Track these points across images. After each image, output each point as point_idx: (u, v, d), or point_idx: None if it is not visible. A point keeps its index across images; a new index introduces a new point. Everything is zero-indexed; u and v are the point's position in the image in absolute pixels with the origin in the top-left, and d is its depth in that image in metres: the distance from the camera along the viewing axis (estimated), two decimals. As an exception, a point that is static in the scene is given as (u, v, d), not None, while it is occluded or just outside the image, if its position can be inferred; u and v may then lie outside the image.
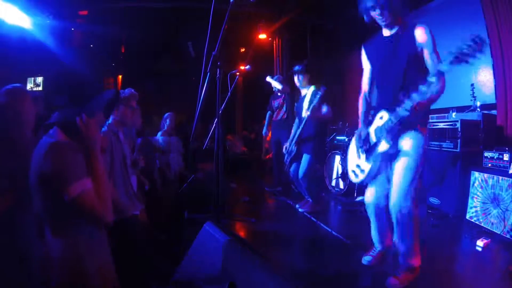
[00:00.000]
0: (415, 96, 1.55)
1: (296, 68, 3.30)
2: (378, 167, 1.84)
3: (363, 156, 1.92)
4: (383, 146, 1.76)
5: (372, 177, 1.90)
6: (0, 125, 1.46)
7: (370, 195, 1.99)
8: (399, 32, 1.74)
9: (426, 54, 1.65)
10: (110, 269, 1.21)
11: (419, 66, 1.67)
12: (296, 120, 3.52)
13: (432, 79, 1.51)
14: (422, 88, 1.53)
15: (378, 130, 1.79)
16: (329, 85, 3.29)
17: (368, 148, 1.88)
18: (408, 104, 1.58)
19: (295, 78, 3.35)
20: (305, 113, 3.05)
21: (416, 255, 1.75)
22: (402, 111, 1.61)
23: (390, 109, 1.70)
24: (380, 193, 1.93)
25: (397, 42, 1.74)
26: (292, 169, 3.37)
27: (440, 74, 1.52)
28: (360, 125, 1.97)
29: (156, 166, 3.63)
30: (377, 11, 1.69)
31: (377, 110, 1.85)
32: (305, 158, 3.17)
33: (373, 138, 1.86)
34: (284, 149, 3.51)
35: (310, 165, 3.15)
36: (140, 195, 2.41)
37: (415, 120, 1.69)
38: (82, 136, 1.14)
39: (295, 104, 3.54)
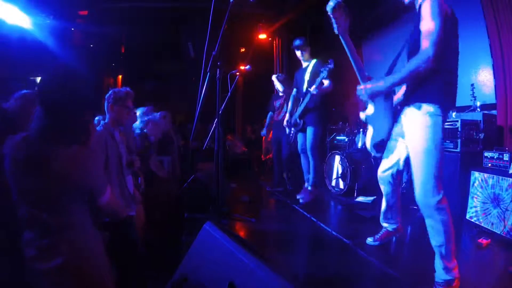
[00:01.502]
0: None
1: (297, 43, 3.30)
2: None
3: None
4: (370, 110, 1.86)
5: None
6: (12, 127, 1.45)
7: (381, 168, 2.08)
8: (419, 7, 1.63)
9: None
10: (108, 271, 1.21)
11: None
12: (294, 91, 3.51)
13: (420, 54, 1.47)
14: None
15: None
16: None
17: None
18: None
19: (297, 53, 3.35)
20: (311, 89, 3.04)
21: (453, 261, 1.61)
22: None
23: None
24: (388, 166, 2.02)
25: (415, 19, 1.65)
26: (299, 143, 3.37)
27: (425, 56, 1.44)
28: None
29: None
30: None
31: None
32: (310, 131, 3.20)
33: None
34: (285, 122, 3.53)
35: (316, 137, 3.17)
36: (137, 195, 2.40)
37: (414, 98, 1.61)
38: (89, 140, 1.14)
39: (295, 73, 3.54)
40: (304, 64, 3.35)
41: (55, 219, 1.07)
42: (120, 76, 8.48)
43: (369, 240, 2.31)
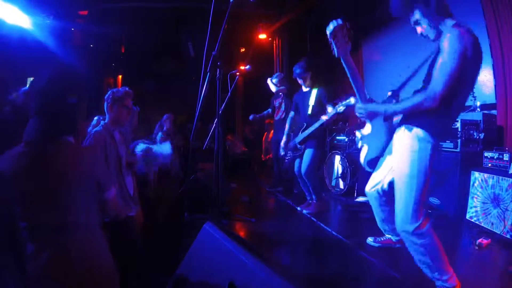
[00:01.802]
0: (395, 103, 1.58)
1: (297, 71, 3.25)
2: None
3: None
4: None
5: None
6: (16, 122, 1.46)
7: (368, 185, 2.05)
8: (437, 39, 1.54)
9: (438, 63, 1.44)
10: (114, 271, 1.21)
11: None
12: (292, 113, 3.47)
13: (422, 93, 1.45)
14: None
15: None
16: (329, 85, 3.28)
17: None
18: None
19: (299, 81, 3.31)
20: (323, 117, 3.00)
21: (446, 273, 1.57)
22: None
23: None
24: (374, 183, 1.99)
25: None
26: (296, 166, 3.34)
27: (431, 94, 1.40)
28: None
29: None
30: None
31: None
32: (308, 153, 3.16)
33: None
34: (282, 144, 3.47)
35: (313, 160, 3.14)
36: (136, 196, 2.39)
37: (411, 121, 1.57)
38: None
39: (295, 95, 3.49)
40: (305, 88, 3.29)
41: (61, 220, 1.07)
42: (120, 76, 8.47)
43: (370, 239, 2.31)
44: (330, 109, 3.03)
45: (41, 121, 1.07)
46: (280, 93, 4.28)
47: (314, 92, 3.18)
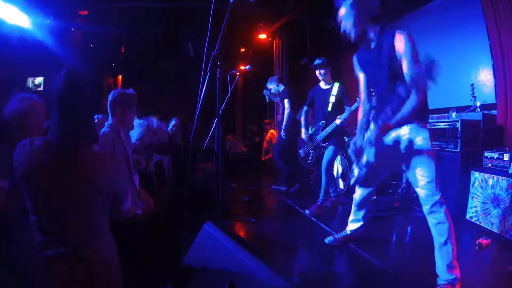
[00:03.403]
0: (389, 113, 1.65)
1: (317, 62, 3.22)
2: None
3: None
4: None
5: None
6: (15, 129, 1.44)
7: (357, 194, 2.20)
8: (381, 41, 1.77)
9: (404, 64, 1.64)
10: (120, 276, 1.21)
11: (400, 75, 1.67)
12: (306, 108, 3.45)
13: (411, 95, 1.57)
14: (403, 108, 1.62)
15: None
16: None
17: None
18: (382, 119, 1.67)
19: (317, 73, 3.28)
20: (337, 121, 3.11)
21: (455, 257, 1.68)
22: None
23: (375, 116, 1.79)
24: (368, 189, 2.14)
25: (379, 52, 1.77)
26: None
27: (417, 87, 1.54)
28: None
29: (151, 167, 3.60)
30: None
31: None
32: (330, 150, 3.19)
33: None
34: (303, 136, 3.44)
35: (335, 155, 3.19)
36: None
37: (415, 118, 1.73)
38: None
39: (311, 90, 3.45)
40: (325, 86, 3.27)
41: (75, 223, 1.06)
42: (120, 76, 8.47)
43: (329, 239, 2.37)
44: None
45: (64, 123, 1.06)
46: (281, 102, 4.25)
47: (335, 89, 3.17)
